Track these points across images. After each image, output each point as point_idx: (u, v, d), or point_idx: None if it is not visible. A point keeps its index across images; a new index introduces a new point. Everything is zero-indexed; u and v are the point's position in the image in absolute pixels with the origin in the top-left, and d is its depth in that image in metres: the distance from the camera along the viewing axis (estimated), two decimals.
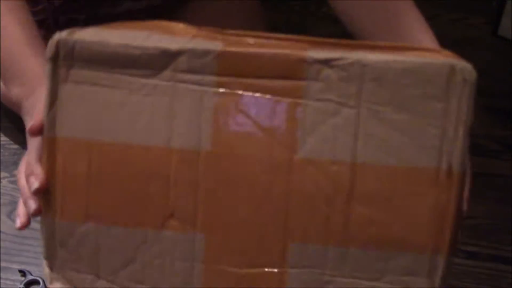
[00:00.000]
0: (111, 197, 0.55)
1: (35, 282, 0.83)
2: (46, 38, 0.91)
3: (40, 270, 0.84)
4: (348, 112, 0.52)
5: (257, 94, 0.53)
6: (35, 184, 0.56)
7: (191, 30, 0.55)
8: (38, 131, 0.57)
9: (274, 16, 1.33)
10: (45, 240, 0.57)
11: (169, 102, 0.53)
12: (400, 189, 0.52)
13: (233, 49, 0.52)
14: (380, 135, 0.52)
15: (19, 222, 0.59)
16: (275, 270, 0.54)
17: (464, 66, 0.52)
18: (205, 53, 0.52)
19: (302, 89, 0.52)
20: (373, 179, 0.52)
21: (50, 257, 0.57)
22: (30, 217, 0.59)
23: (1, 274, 0.84)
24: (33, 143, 0.59)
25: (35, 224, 0.90)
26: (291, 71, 0.52)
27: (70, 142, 0.54)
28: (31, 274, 0.83)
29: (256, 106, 0.53)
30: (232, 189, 0.54)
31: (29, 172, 0.57)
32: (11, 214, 0.92)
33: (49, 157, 0.55)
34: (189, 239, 0.55)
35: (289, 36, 0.54)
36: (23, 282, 0.82)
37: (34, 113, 0.61)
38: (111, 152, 0.54)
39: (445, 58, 0.52)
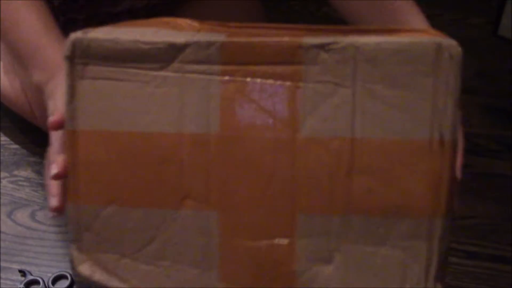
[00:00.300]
0: (131, 182, 0.59)
1: (35, 282, 0.83)
2: None
3: (40, 270, 0.84)
4: (344, 91, 0.56)
5: (260, 80, 0.57)
6: (54, 170, 0.60)
7: (195, 24, 0.59)
8: (59, 126, 0.61)
9: (274, 16, 1.33)
10: (72, 225, 0.60)
11: (179, 91, 0.58)
12: (396, 160, 0.56)
13: (235, 39, 0.57)
14: (375, 111, 0.56)
15: (52, 205, 0.62)
16: (285, 240, 0.58)
17: (450, 43, 0.55)
18: (210, 44, 0.57)
19: (301, 73, 0.57)
20: (371, 152, 0.57)
21: (77, 241, 0.61)
22: (62, 201, 0.62)
23: (1, 274, 0.84)
24: (55, 136, 0.63)
25: (35, 225, 0.90)
26: (290, 56, 0.56)
27: (90, 133, 0.59)
28: (31, 274, 0.83)
29: (259, 90, 0.57)
30: (241, 168, 0.58)
31: (51, 162, 0.61)
32: (11, 214, 0.92)
33: (71, 148, 0.59)
34: (204, 216, 0.59)
35: (286, 25, 0.59)
36: (23, 282, 0.82)
37: (55, 98, 0.67)
38: (128, 140, 0.59)
39: (432, 37, 0.56)
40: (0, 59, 1.04)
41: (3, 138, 1.04)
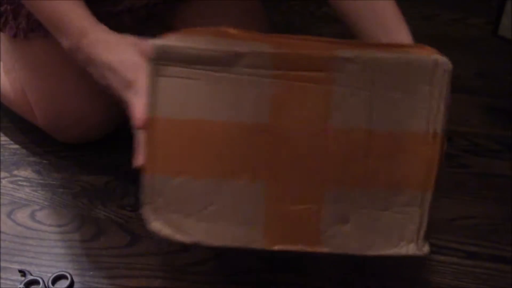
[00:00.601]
0: (195, 158, 0.74)
1: (35, 282, 0.83)
2: (47, 35, 0.91)
3: (40, 270, 0.84)
4: (364, 94, 0.73)
5: (300, 83, 0.73)
6: (139, 162, 0.73)
7: (245, 34, 0.74)
8: (143, 124, 0.73)
9: (274, 16, 1.33)
10: (147, 191, 0.74)
11: (237, 89, 0.73)
12: (400, 147, 0.74)
13: (283, 50, 0.73)
14: (386, 109, 0.74)
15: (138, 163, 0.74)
16: (315, 206, 0.75)
17: (444, 60, 0.73)
18: (263, 54, 0.73)
19: (332, 79, 0.73)
20: (382, 141, 0.74)
21: (150, 203, 0.74)
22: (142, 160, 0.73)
23: (1, 274, 0.84)
24: (139, 133, 0.74)
25: (35, 225, 0.90)
26: (324, 66, 0.73)
27: (165, 120, 0.73)
28: (31, 274, 0.83)
29: (299, 91, 0.73)
30: (284, 150, 0.74)
31: (136, 154, 0.73)
32: (11, 214, 0.92)
33: (150, 132, 0.73)
34: (254, 186, 0.75)
35: (319, 38, 0.75)
36: (23, 282, 0.82)
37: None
38: (194, 126, 0.73)
39: (431, 54, 0.74)
40: (0, 59, 1.04)
41: (3, 138, 1.04)
